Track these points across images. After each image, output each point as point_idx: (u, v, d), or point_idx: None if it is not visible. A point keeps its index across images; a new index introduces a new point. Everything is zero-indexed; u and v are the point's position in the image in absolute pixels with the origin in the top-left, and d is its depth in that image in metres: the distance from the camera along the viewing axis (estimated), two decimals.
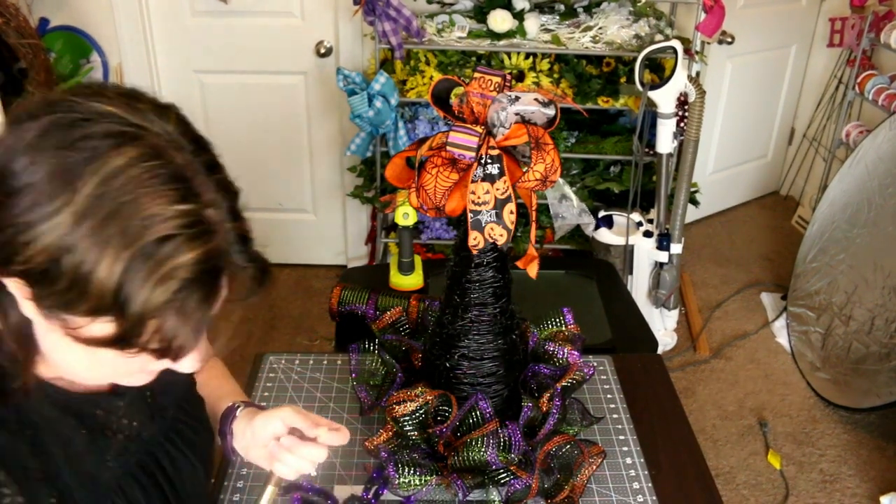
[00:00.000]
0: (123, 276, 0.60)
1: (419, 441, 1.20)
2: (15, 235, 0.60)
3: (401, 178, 1.16)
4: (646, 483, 1.19)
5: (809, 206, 3.61)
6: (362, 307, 1.55)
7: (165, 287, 0.61)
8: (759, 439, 2.48)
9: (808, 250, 2.88)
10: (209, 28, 2.90)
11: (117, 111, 0.63)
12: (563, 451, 1.20)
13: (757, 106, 3.73)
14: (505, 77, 1.05)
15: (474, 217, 1.06)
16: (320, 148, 3.13)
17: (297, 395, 1.37)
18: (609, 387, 1.40)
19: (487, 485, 1.16)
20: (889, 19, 2.98)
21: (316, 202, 3.26)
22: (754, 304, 3.18)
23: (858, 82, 3.08)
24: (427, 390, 1.18)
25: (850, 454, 2.42)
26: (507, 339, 1.20)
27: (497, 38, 2.60)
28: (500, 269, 1.15)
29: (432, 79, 2.66)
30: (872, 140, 2.69)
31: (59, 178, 0.59)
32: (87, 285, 0.60)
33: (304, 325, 2.98)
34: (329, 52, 2.91)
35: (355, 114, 2.53)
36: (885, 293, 2.44)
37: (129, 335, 0.63)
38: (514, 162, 1.10)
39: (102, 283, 0.60)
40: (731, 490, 2.29)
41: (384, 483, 1.16)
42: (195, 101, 3.05)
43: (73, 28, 2.87)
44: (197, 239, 0.62)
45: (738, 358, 2.86)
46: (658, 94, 2.36)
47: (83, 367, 0.69)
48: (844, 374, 2.54)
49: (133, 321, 0.62)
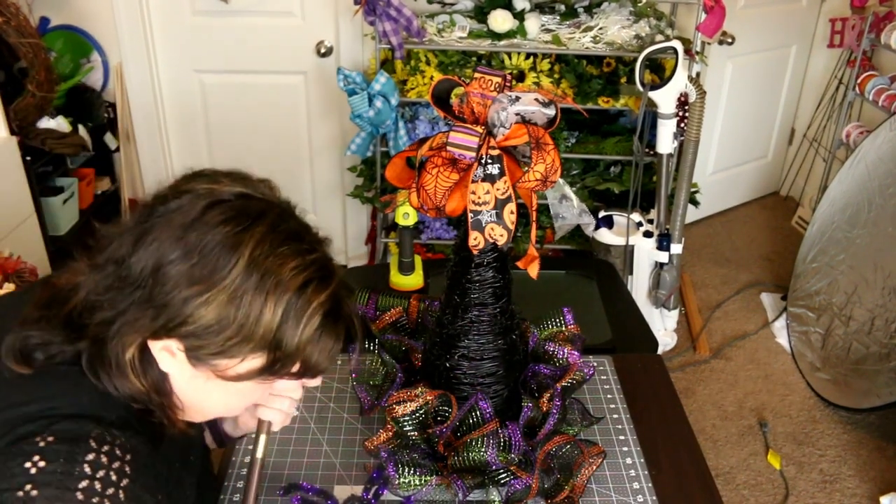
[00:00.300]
0: (283, 316, 0.75)
1: (419, 441, 1.20)
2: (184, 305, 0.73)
3: (401, 178, 1.16)
4: (646, 483, 1.19)
5: (809, 207, 3.61)
6: (362, 307, 1.55)
7: (313, 322, 0.77)
8: (759, 439, 2.48)
9: (808, 250, 2.89)
10: (209, 28, 2.90)
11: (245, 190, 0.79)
12: (563, 451, 1.20)
13: (757, 106, 3.73)
14: (505, 77, 1.05)
15: (474, 217, 1.06)
16: (320, 148, 3.13)
17: None
18: (609, 387, 1.40)
19: (487, 485, 1.16)
20: (889, 20, 2.98)
21: (316, 202, 3.26)
22: (754, 304, 3.18)
23: (859, 83, 3.08)
24: (427, 390, 1.18)
25: (850, 454, 2.42)
26: (507, 339, 1.20)
27: (497, 38, 2.60)
28: (501, 269, 1.15)
29: (432, 79, 2.66)
30: (872, 141, 2.69)
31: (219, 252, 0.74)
32: (255, 328, 0.74)
33: None
34: (329, 51, 2.92)
35: (355, 114, 2.53)
36: (885, 293, 2.44)
37: (278, 364, 0.78)
38: (515, 162, 1.10)
39: (267, 325, 0.75)
40: (731, 490, 2.29)
41: (384, 483, 1.16)
42: (195, 101, 3.05)
43: (73, 27, 2.87)
44: (326, 279, 0.79)
45: (738, 358, 2.86)
46: (658, 94, 2.36)
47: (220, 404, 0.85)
48: (844, 375, 2.54)
49: (288, 352, 0.77)
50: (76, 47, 2.88)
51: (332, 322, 0.79)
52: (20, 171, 2.35)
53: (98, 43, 2.90)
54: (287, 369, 0.79)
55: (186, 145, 3.14)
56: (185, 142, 3.14)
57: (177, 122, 3.09)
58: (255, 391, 0.83)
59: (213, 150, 3.15)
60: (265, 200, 0.80)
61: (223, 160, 3.16)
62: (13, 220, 2.29)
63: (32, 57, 2.42)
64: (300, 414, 1.32)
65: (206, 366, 0.77)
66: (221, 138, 3.12)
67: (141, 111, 3.01)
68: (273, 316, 0.74)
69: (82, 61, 2.90)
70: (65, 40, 2.87)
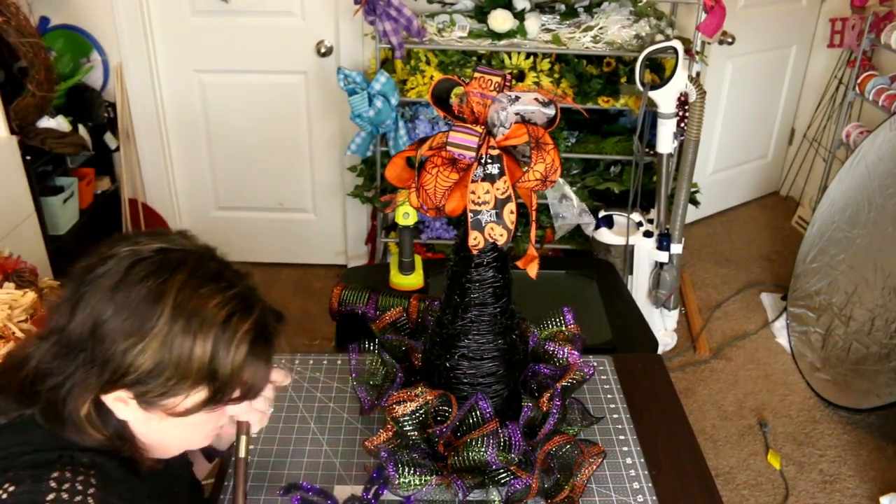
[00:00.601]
0: (213, 350, 0.83)
1: (419, 441, 1.20)
2: (124, 357, 0.81)
3: (401, 178, 1.16)
4: (646, 483, 1.19)
5: (809, 207, 3.61)
6: (362, 307, 1.55)
7: (241, 349, 0.84)
8: (759, 439, 2.48)
9: (808, 250, 2.88)
10: (209, 27, 2.90)
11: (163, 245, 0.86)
12: (563, 451, 1.20)
13: (757, 106, 3.73)
14: (505, 77, 1.05)
15: (474, 217, 1.06)
16: (320, 148, 3.13)
17: (297, 394, 1.37)
18: (609, 387, 1.40)
19: (487, 485, 1.16)
20: (889, 20, 2.98)
21: (316, 202, 3.26)
22: (754, 304, 3.18)
23: (859, 83, 3.08)
24: (427, 390, 1.18)
25: (850, 454, 2.42)
26: (507, 339, 1.20)
27: (497, 37, 2.60)
28: (500, 269, 1.15)
29: (432, 78, 2.66)
30: (872, 140, 2.69)
31: (146, 304, 0.81)
32: (189, 365, 0.82)
33: (304, 325, 2.98)
34: (329, 51, 2.91)
35: (355, 113, 2.53)
36: (885, 293, 2.44)
37: (219, 393, 0.85)
38: (514, 162, 1.10)
39: (200, 360, 0.82)
40: (731, 490, 2.29)
41: (384, 483, 1.16)
42: (195, 101, 3.05)
43: (73, 27, 2.87)
44: (248, 309, 0.86)
45: (738, 358, 2.86)
46: (658, 94, 2.36)
47: (178, 439, 0.92)
48: (844, 375, 2.54)
49: (224, 381, 0.84)
50: (76, 47, 2.88)
51: (262, 345, 0.87)
52: (20, 171, 2.35)
53: (98, 42, 2.90)
54: (229, 396, 0.86)
55: (186, 145, 3.14)
56: (185, 141, 3.14)
57: (177, 121, 3.09)
58: (208, 421, 0.90)
59: (213, 149, 3.15)
60: (183, 250, 0.87)
61: (223, 160, 3.17)
62: (13, 219, 2.29)
63: (32, 56, 2.42)
64: (300, 414, 1.32)
65: (156, 407, 0.85)
66: (221, 138, 3.12)
67: (141, 111, 3.01)
68: (203, 351, 0.82)
69: (82, 61, 2.90)
70: (65, 40, 2.87)
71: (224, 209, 3.29)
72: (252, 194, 3.24)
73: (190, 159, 3.17)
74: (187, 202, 3.27)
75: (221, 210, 3.29)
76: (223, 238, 3.32)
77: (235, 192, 3.24)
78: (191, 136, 3.12)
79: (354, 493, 1.15)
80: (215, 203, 3.28)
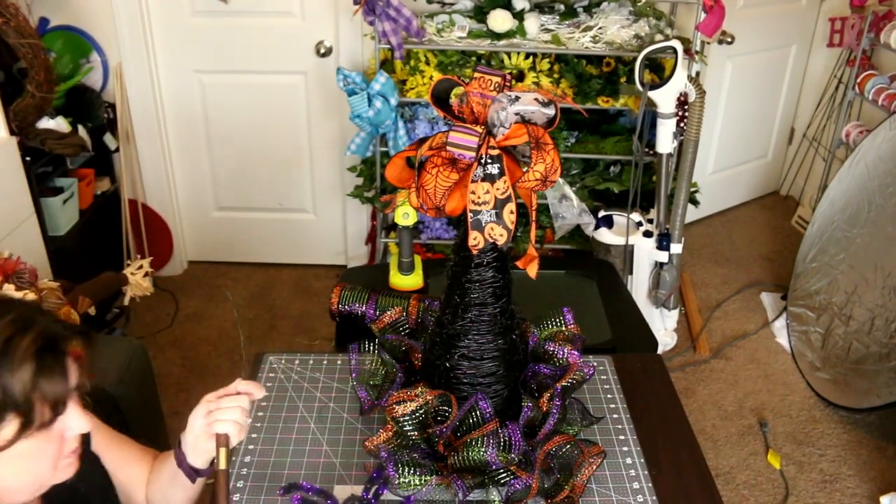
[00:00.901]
0: None
1: (419, 441, 1.20)
2: None
3: (401, 178, 1.16)
4: (646, 483, 1.19)
5: (809, 206, 3.61)
6: (362, 307, 1.55)
7: (26, 366, 0.84)
8: (759, 439, 2.48)
9: (808, 250, 2.89)
10: (209, 28, 2.90)
11: None
12: (563, 451, 1.20)
13: (757, 106, 3.73)
14: (505, 77, 1.05)
15: (474, 217, 1.06)
16: (320, 148, 3.13)
17: (297, 394, 1.37)
18: (609, 387, 1.40)
19: (487, 485, 1.16)
20: (889, 19, 2.98)
21: (316, 202, 3.26)
22: (754, 304, 3.18)
23: (858, 82, 3.08)
24: (427, 390, 1.18)
25: (850, 454, 2.42)
26: (507, 339, 1.20)
27: (497, 38, 2.60)
28: (500, 269, 1.15)
29: (432, 79, 2.66)
30: (872, 140, 2.69)
31: None
32: None
33: (304, 325, 2.99)
34: (329, 51, 2.92)
35: (355, 113, 2.53)
36: (885, 293, 2.44)
37: (27, 415, 0.84)
38: (514, 162, 1.10)
39: None
40: (731, 490, 2.29)
41: (384, 483, 1.16)
42: (195, 101, 3.05)
43: (72, 28, 2.87)
44: (26, 328, 0.86)
45: (738, 358, 2.86)
46: (658, 94, 2.36)
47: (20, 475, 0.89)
48: (844, 375, 2.54)
49: (23, 402, 0.83)
50: (76, 47, 2.88)
51: (51, 359, 0.87)
52: (20, 172, 2.35)
53: (98, 43, 2.90)
54: (42, 416, 0.86)
55: (186, 145, 3.14)
56: (185, 142, 3.14)
57: (176, 122, 3.09)
58: (41, 449, 0.89)
59: (213, 150, 3.15)
60: None
61: (223, 160, 3.17)
62: (13, 220, 2.29)
63: (32, 57, 2.42)
64: (300, 414, 1.32)
65: None
66: (221, 138, 3.12)
67: (141, 111, 3.01)
68: None
69: (82, 61, 2.90)
70: (64, 40, 2.87)
71: (224, 209, 3.29)
72: (252, 194, 3.24)
73: (190, 160, 3.18)
74: (187, 202, 3.27)
75: (221, 210, 3.29)
76: (223, 238, 3.33)
77: (235, 193, 3.25)
78: (190, 136, 3.12)
79: (354, 493, 1.15)
80: (215, 203, 3.28)
